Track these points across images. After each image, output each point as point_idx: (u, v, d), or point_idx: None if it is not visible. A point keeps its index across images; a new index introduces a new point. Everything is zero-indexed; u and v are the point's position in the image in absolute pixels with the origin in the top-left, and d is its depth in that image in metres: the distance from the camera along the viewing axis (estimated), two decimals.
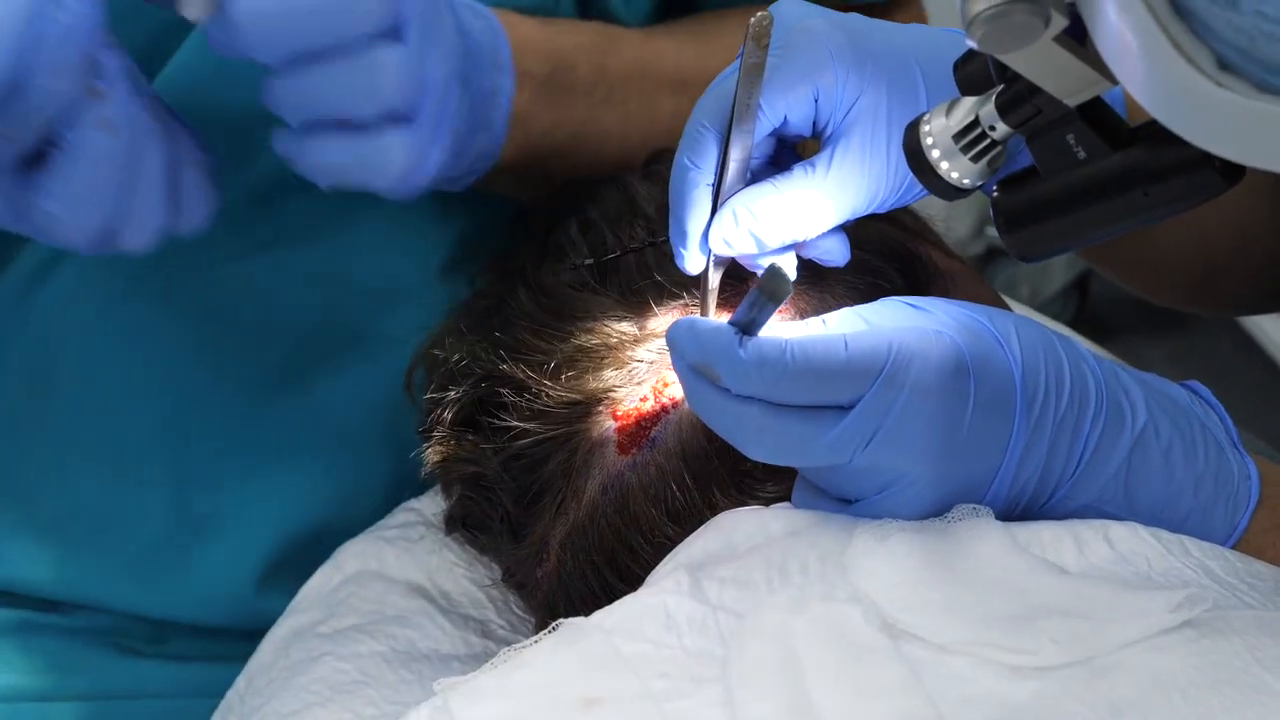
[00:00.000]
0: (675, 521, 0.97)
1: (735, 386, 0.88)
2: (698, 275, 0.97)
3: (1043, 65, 0.78)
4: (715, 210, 0.95)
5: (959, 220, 2.59)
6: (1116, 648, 0.82)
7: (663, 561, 0.94)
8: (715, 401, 0.89)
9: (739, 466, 0.96)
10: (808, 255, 0.98)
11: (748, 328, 0.88)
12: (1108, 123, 0.84)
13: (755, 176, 0.96)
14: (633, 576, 0.97)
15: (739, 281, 0.99)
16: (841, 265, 0.98)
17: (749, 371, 0.87)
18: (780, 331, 0.89)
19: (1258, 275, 1.30)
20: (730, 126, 0.93)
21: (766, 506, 0.95)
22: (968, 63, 0.85)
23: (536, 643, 0.89)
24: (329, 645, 1.06)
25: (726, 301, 0.98)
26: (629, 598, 0.90)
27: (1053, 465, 0.91)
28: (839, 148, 0.95)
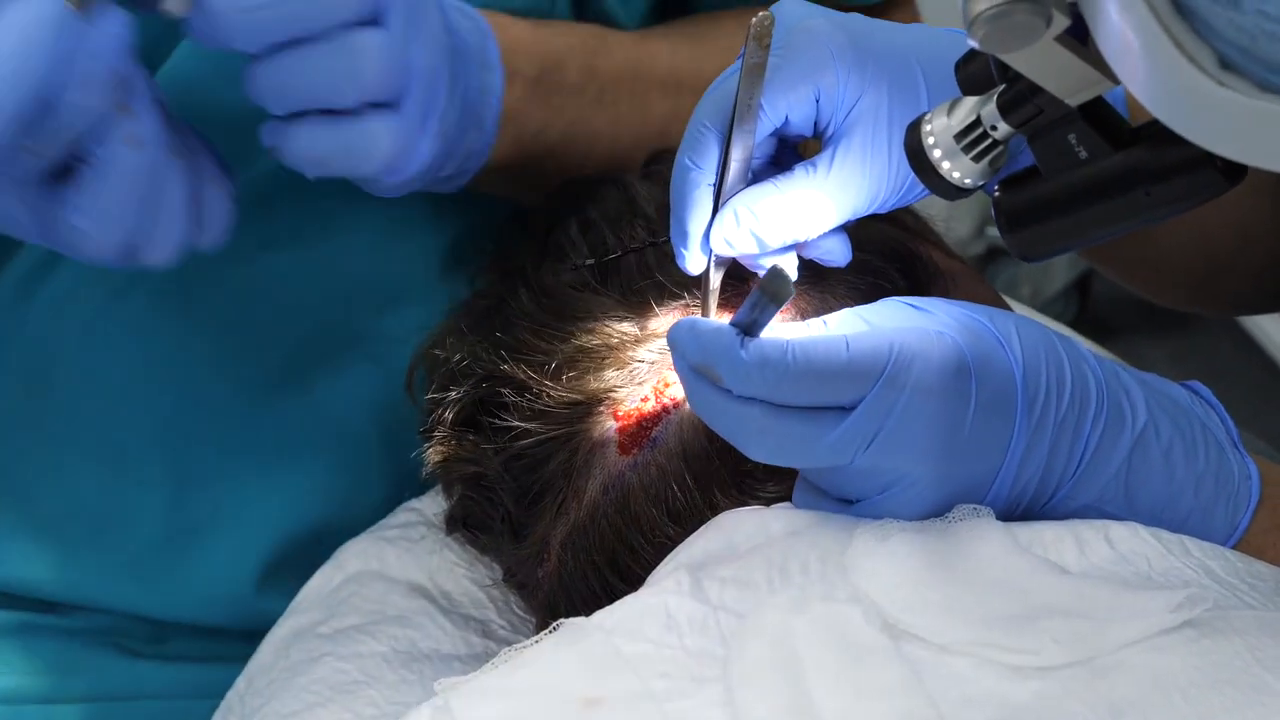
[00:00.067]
0: (676, 521, 0.97)
1: (737, 387, 0.88)
2: (699, 275, 0.97)
3: (1044, 65, 0.78)
4: (716, 210, 0.95)
5: (960, 220, 2.59)
6: (1117, 648, 0.82)
7: (663, 561, 0.94)
8: (716, 402, 0.89)
9: (740, 467, 0.96)
10: (809, 255, 0.98)
11: (749, 329, 0.88)
12: (1109, 122, 0.84)
13: (756, 176, 0.96)
14: (633, 576, 0.97)
15: (740, 282, 0.99)
16: (843, 265, 0.98)
17: (750, 373, 0.87)
18: (782, 332, 0.89)
19: (1259, 275, 1.30)
20: (731, 126, 0.93)
21: (767, 506, 0.95)
22: (969, 62, 0.85)
23: (537, 643, 0.89)
24: (329, 645, 1.06)
25: (727, 302, 0.98)
26: (630, 598, 0.90)
27: (1054, 465, 0.91)
28: (840, 148, 0.95)
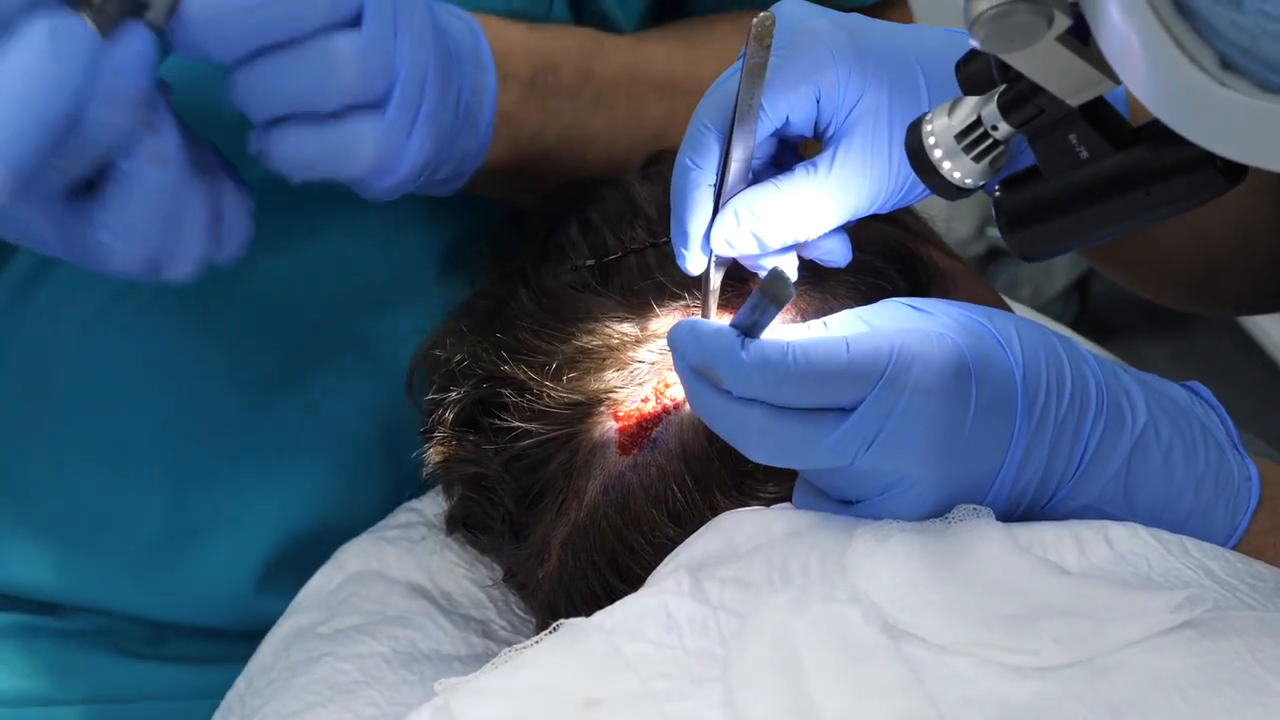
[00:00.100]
0: (676, 522, 0.97)
1: (737, 389, 0.88)
2: (699, 276, 0.97)
3: (1045, 65, 0.78)
4: (717, 211, 0.95)
5: (960, 221, 2.59)
6: (1117, 648, 0.82)
7: (664, 562, 0.94)
8: (717, 404, 0.89)
9: (740, 467, 0.96)
10: (809, 256, 0.98)
11: (750, 330, 0.88)
12: (1110, 122, 0.84)
13: (757, 177, 0.96)
14: (634, 577, 0.97)
15: (740, 282, 0.99)
16: (843, 266, 0.98)
17: (751, 374, 0.87)
18: (782, 334, 0.89)
19: (1260, 275, 1.30)
20: (732, 127, 0.93)
21: (767, 507, 0.95)
22: (970, 62, 0.85)
23: (537, 643, 0.89)
24: (329, 645, 1.06)
25: (728, 302, 0.98)
26: (630, 598, 0.90)
27: (1054, 466, 0.91)
28: (841, 148, 0.95)
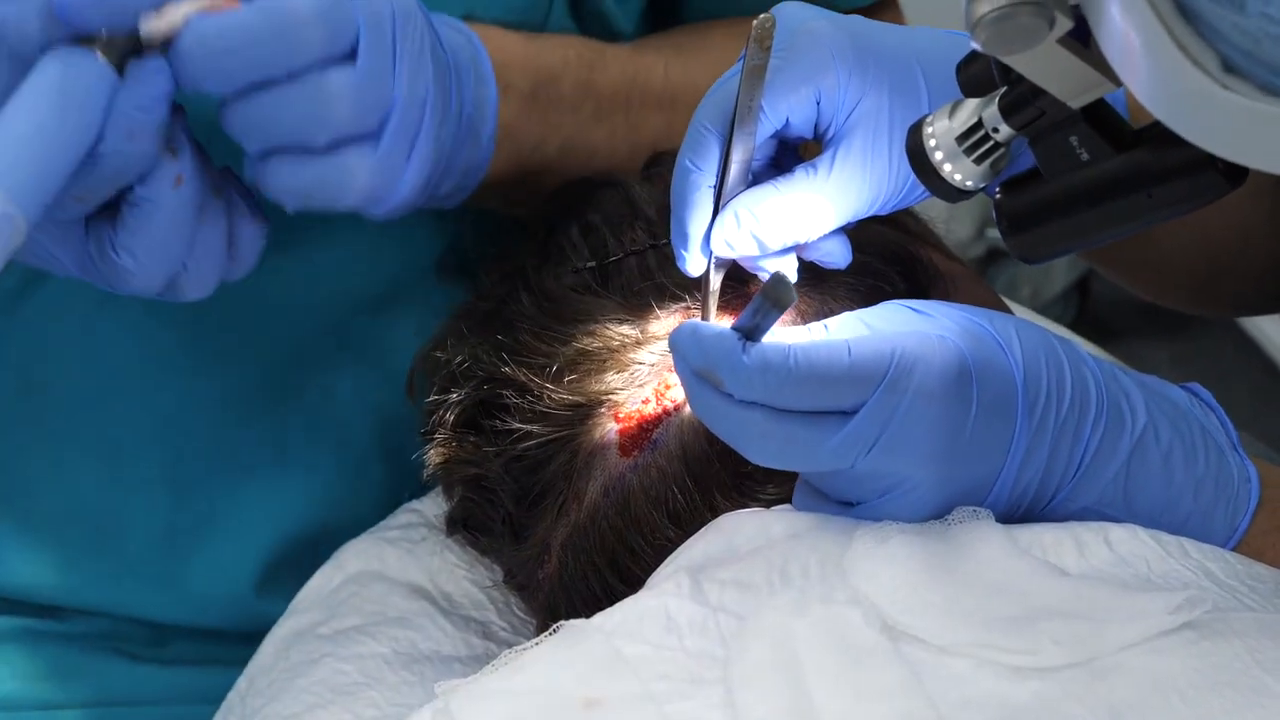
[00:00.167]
0: (676, 523, 0.97)
1: (738, 392, 0.88)
2: (699, 277, 0.97)
3: (1046, 67, 0.78)
4: (717, 212, 0.95)
5: (960, 222, 2.59)
6: (1117, 649, 0.82)
7: (664, 563, 0.94)
8: (718, 406, 0.89)
9: (740, 469, 0.96)
10: (809, 257, 0.98)
11: (751, 333, 0.87)
12: (1111, 125, 0.84)
13: (757, 178, 0.96)
14: (634, 578, 0.97)
15: (740, 284, 0.99)
16: (843, 267, 0.98)
17: (752, 377, 0.87)
18: (783, 337, 0.89)
19: (1260, 277, 1.30)
20: (732, 128, 0.93)
21: (767, 509, 0.95)
22: (970, 64, 0.85)
23: (538, 644, 0.89)
24: (330, 646, 1.06)
25: (728, 304, 0.98)
26: (630, 600, 0.90)
27: (1054, 468, 0.90)
28: (841, 150, 0.95)
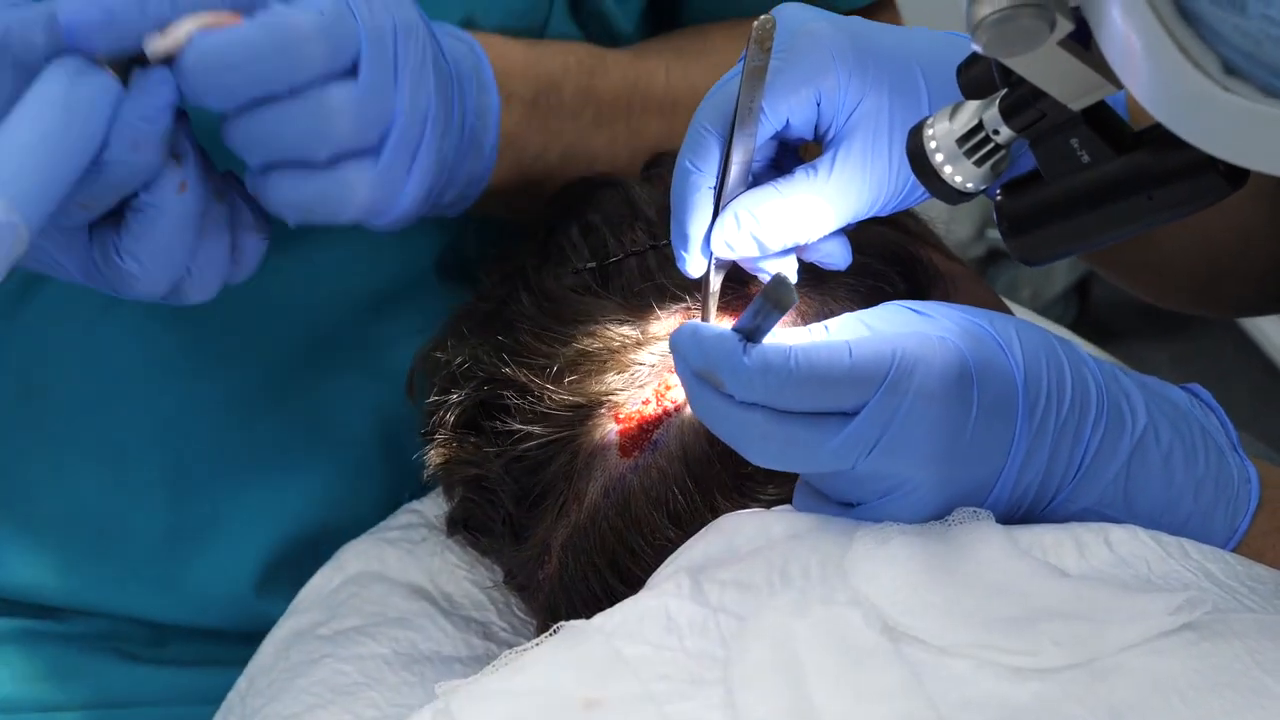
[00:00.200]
0: (676, 524, 0.97)
1: (739, 393, 0.88)
2: (699, 278, 0.97)
3: (1047, 69, 0.78)
4: (717, 213, 0.95)
5: (960, 223, 2.59)
6: (1117, 650, 0.82)
7: (664, 564, 0.94)
8: (719, 408, 0.89)
9: (740, 470, 0.96)
10: (809, 258, 0.98)
11: (752, 335, 0.87)
12: (1112, 127, 0.84)
13: (757, 179, 0.96)
14: (634, 579, 0.97)
15: (740, 285, 0.99)
16: (843, 268, 0.98)
17: (753, 378, 0.87)
18: (783, 338, 0.89)
19: (1261, 278, 1.30)
20: (732, 129, 0.93)
21: (768, 509, 0.95)
22: (971, 66, 0.85)
23: (538, 645, 0.89)
24: (330, 647, 1.06)
25: (728, 305, 0.98)
26: (630, 600, 0.90)
27: (1054, 469, 0.90)
28: (841, 151, 0.95)
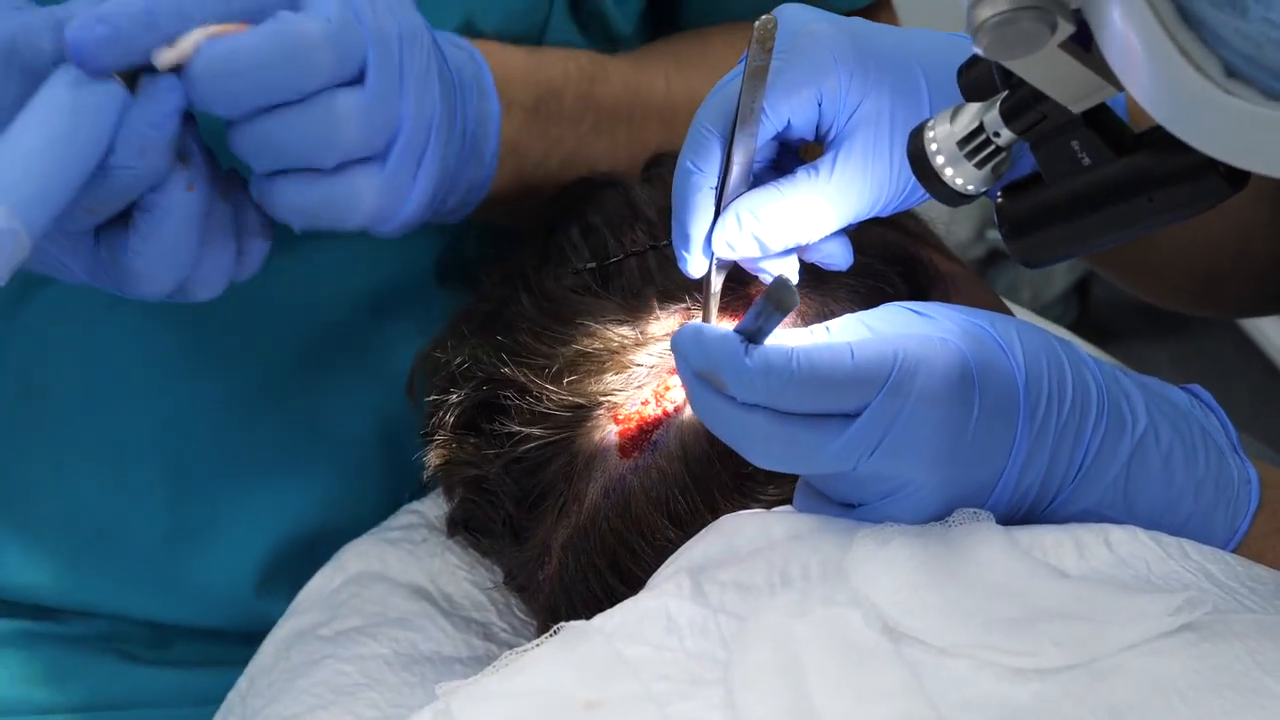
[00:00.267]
0: (677, 525, 0.97)
1: (741, 395, 0.88)
2: (700, 279, 0.97)
3: (1048, 72, 0.78)
4: (718, 214, 0.95)
5: (960, 223, 2.59)
6: (1117, 650, 0.82)
7: (664, 564, 0.94)
8: (720, 409, 0.89)
9: (740, 470, 0.96)
10: (810, 259, 0.98)
11: (754, 336, 0.87)
12: (1112, 129, 0.84)
13: (758, 180, 0.96)
14: (634, 579, 0.97)
15: (740, 285, 0.99)
16: (844, 269, 0.98)
17: (755, 380, 0.87)
18: (784, 339, 0.89)
19: (1261, 278, 1.30)
20: (734, 130, 0.93)
21: (768, 510, 0.95)
22: (971, 68, 0.85)
23: (538, 646, 0.89)
24: (330, 647, 1.06)
25: (728, 305, 0.98)
26: (630, 601, 0.90)
27: (1054, 471, 0.90)
28: (842, 152, 0.95)
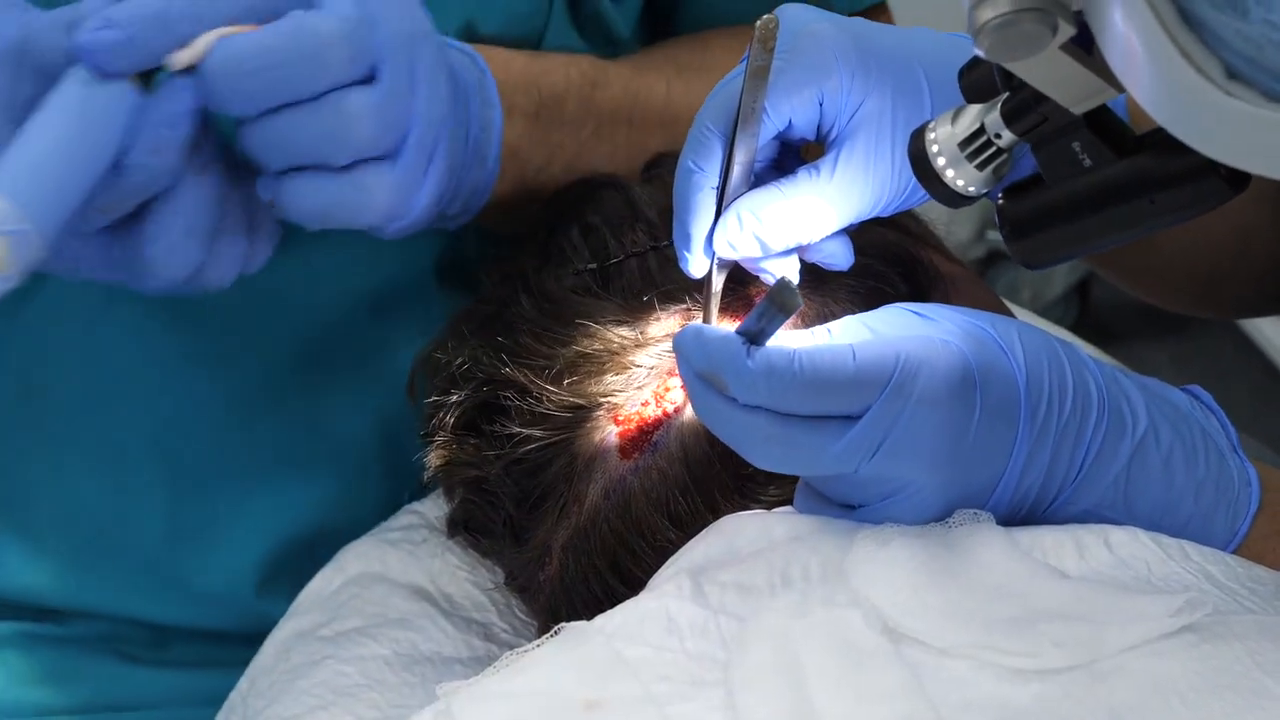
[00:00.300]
0: (677, 525, 0.97)
1: (742, 396, 0.87)
2: (700, 279, 0.97)
3: (1049, 73, 0.78)
4: (719, 214, 0.95)
5: (961, 224, 2.59)
6: (1117, 652, 0.82)
7: (664, 565, 0.94)
8: (722, 410, 0.89)
9: (741, 471, 0.96)
10: (811, 259, 0.98)
11: (755, 338, 0.87)
12: (1114, 130, 0.84)
13: (759, 180, 0.96)
14: (634, 580, 0.97)
15: (741, 285, 0.99)
16: (845, 269, 0.98)
17: (756, 381, 0.87)
18: (786, 340, 0.89)
19: (1261, 279, 1.30)
20: (735, 130, 0.93)
21: (769, 511, 0.95)
22: (973, 70, 0.85)
23: (539, 646, 0.89)
24: (331, 648, 1.06)
25: (729, 306, 0.98)
26: (631, 602, 0.90)
27: (1055, 472, 0.90)
28: (843, 152, 0.95)
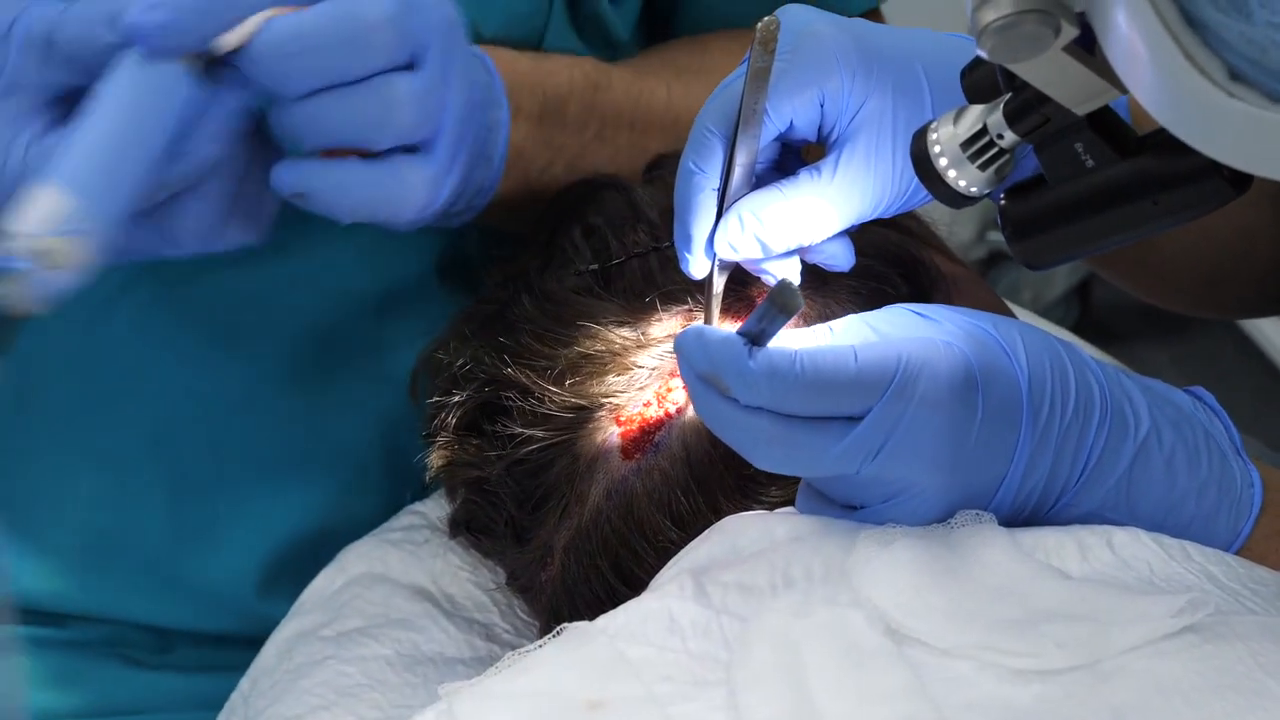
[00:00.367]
0: (679, 526, 0.97)
1: (744, 397, 0.87)
2: (702, 280, 0.97)
3: (1052, 74, 0.78)
4: (720, 215, 0.95)
5: (962, 225, 2.59)
6: (1119, 652, 0.82)
7: (667, 566, 0.94)
8: (723, 411, 0.89)
9: (743, 471, 0.96)
10: (812, 260, 0.98)
11: (757, 338, 0.87)
12: (1116, 131, 0.84)
13: (760, 181, 0.96)
14: (636, 581, 0.97)
15: (742, 286, 0.99)
16: (846, 270, 0.98)
17: (758, 383, 0.86)
18: (787, 341, 0.89)
19: (1262, 280, 1.30)
20: (736, 131, 0.93)
21: (771, 511, 0.95)
22: (975, 71, 0.84)
23: (541, 647, 0.89)
24: (333, 648, 1.06)
25: (730, 307, 0.98)
26: (633, 602, 0.90)
27: (1058, 474, 0.90)
28: (845, 153, 0.95)
